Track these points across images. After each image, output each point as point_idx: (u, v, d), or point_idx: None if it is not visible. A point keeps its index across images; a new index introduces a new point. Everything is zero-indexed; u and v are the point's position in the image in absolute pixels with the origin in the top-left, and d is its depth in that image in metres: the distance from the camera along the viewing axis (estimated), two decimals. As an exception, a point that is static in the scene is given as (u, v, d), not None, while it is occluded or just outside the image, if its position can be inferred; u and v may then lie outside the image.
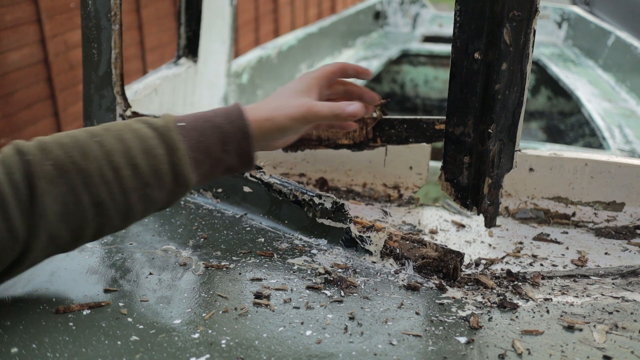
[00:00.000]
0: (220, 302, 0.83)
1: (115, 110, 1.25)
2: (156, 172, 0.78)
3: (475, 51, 0.86)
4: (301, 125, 0.90)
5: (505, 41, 0.85)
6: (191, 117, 0.83)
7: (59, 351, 0.70)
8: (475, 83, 0.88)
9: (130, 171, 0.77)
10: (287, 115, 0.87)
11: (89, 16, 1.20)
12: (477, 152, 0.94)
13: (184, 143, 0.80)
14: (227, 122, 0.83)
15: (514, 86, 0.91)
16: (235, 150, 0.84)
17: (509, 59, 0.87)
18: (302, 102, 0.88)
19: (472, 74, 0.88)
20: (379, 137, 1.19)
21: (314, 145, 1.21)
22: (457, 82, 0.89)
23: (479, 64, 0.87)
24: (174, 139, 0.79)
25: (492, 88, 0.89)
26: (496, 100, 0.89)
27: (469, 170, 0.97)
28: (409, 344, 0.74)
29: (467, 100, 0.90)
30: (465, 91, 0.89)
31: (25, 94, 3.08)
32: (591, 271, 0.96)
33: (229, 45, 2.23)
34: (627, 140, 2.42)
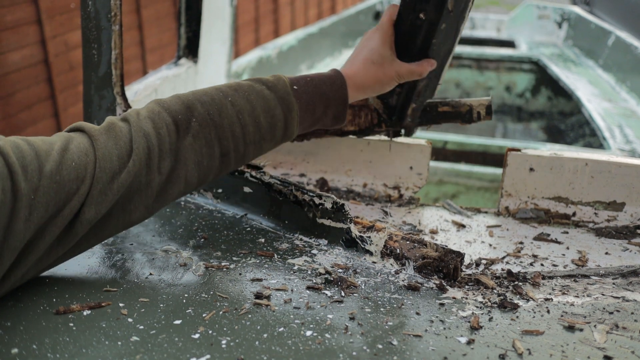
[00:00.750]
0: (221, 302, 0.83)
1: (116, 110, 1.25)
2: (273, 128, 0.95)
3: (421, 11, 1.02)
4: (389, 88, 1.07)
5: (448, 7, 0.99)
6: (302, 82, 0.98)
7: (59, 352, 0.70)
8: (416, 36, 1.05)
9: (253, 127, 0.93)
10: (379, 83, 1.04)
11: (89, 17, 1.20)
12: (408, 85, 1.14)
13: (297, 105, 0.96)
14: (332, 90, 0.99)
15: (448, 40, 1.08)
16: (333, 114, 1.00)
17: (449, 21, 1.02)
18: (391, 70, 1.04)
19: (415, 28, 1.04)
20: (384, 122, 1.20)
21: (319, 133, 1.21)
22: (401, 32, 1.06)
23: (422, 21, 1.03)
24: (290, 101, 0.95)
25: (429, 41, 1.05)
26: (431, 50, 1.06)
27: (398, 95, 1.18)
28: (410, 344, 0.74)
29: (407, 46, 1.07)
30: (406, 40, 1.06)
31: (26, 94, 3.08)
32: (591, 271, 0.96)
33: (229, 46, 2.23)
34: (628, 140, 2.42)
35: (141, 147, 0.84)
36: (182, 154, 0.87)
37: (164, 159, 0.86)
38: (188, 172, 0.88)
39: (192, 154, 0.88)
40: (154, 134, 0.85)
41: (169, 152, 0.86)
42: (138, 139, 0.84)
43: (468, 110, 1.15)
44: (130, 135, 0.84)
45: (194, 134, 0.88)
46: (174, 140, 0.87)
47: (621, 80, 3.24)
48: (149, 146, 0.84)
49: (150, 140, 0.85)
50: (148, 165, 0.84)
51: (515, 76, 3.94)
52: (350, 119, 1.19)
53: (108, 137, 0.83)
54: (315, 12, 7.53)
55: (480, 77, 4.00)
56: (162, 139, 0.86)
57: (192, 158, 0.88)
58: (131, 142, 0.84)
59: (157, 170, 0.85)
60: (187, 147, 0.87)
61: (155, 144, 0.85)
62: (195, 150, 0.88)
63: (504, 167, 1.18)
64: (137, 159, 0.83)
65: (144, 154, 0.84)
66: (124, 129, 0.85)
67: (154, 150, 0.85)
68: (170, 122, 0.87)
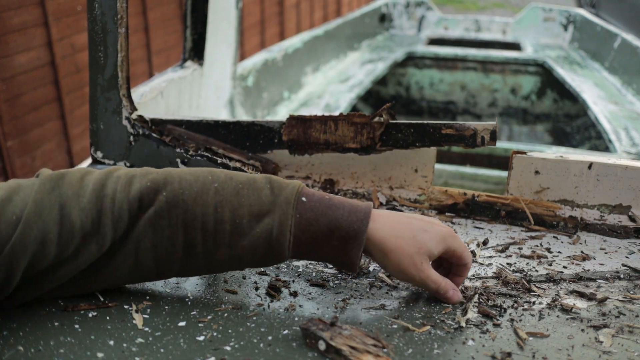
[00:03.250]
0: (226, 304, 0.83)
1: (122, 112, 1.25)
2: (255, 238, 0.78)
3: None
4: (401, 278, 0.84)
5: None
6: (317, 196, 0.80)
7: (64, 353, 0.70)
8: None
9: (231, 227, 0.78)
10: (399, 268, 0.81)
11: (96, 19, 1.21)
12: None
13: (293, 219, 0.78)
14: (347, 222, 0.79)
15: None
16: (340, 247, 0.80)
17: None
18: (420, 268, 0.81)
19: None
20: (386, 141, 1.19)
21: (321, 148, 1.21)
22: None
23: None
24: (287, 212, 0.78)
25: None
26: None
27: None
28: (414, 347, 0.74)
29: None
30: None
31: (32, 96, 3.09)
32: (598, 274, 0.95)
33: (234, 48, 2.24)
34: (634, 142, 2.41)
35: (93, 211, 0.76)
36: (139, 226, 0.78)
37: (115, 224, 0.77)
38: (140, 250, 0.78)
39: (150, 230, 0.78)
40: (124, 198, 0.77)
41: (125, 219, 0.77)
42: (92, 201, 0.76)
43: (472, 135, 1.14)
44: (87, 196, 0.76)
45: (157, 209, 0.77)
46: (135, 212, 0.77)
47: (627, 82, 3.23)
48: (102, 209, 0.76)
49: (106, 202, 0.77)
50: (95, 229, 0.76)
51: (520, 78, 3.93)
52: (352, 135, 1.19)
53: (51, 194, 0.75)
54: (321, 15, 7.53)
55: (486, 80, 4.00)
56: (130, 203, 0.77)
57: (150, 235, 0.78)
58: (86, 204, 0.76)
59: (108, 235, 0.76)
60: (146, 220, 0.77)
61: (109, 209, 0.76)
62: (154, 229, 0.78)
63: (509, 169, 1.17)
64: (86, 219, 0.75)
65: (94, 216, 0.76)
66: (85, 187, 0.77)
67: (106, 215, 0.76)
68: (136, 191, 0.78)
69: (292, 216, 0.78)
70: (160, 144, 1.24)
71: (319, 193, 0.82)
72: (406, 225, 0.82)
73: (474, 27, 4.73)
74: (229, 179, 0.80)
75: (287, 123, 1.21)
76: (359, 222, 0.79)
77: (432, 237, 0.81)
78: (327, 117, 1.19)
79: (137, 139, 1.26)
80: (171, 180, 0.79)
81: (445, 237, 0.82)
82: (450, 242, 0.82)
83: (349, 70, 3.70)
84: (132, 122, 1.25)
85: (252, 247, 0.79)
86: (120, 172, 0.80)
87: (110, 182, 0.78)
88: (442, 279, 0.83)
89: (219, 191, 0.79)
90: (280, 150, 1.24)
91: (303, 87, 3.36)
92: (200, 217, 0.77)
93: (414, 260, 0.80)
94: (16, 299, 0.77)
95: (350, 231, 0.78)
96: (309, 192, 0.81)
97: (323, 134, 1.19)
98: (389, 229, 0.81)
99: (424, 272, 0.81)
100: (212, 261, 0.80)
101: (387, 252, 0.80)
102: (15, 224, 0.71)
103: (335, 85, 3.38)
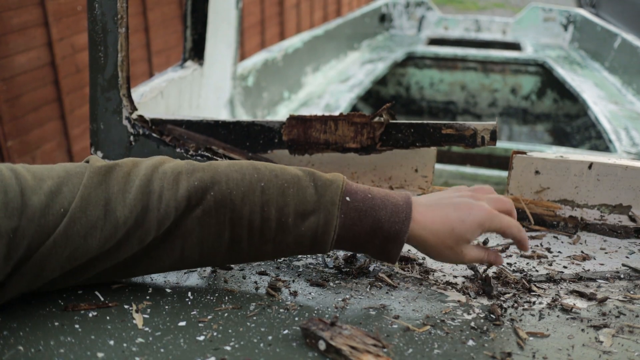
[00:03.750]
0: (226, 304, 0.83)
1: (122, 113, 1.25)
2: (300, 235, 0.81)
3: None
4: (443, 261, 0.88)
5: None
6: (360, 195, 0.83)
7: (64, 353, 0.70)
8: None
9: (276, 225, 0.80)
10: (439, 250, 0.85)
11: (96, 19, 1.21)
12: None
13: (338, 220, 0.81)
14: (389, 223, 0.82)
15: None
16: (381, 246, 0.83)
17: None
18: (461, 255, 0.86)
19: None
20: (386, 141, 1.19)
21: (321, 148, 1.21)
22: None
23: None
24: (332, 214, 0.80)
25: None
26: None
27: None
28: (414, 347, 0.74)
29: None
30: None
31: (32, 96, 3.09)
32: (598, 274, 0.95)
33: (234, 48, 2.24)
34: (634, 142, 2.41)
35: (139, 205, 0.77)
36: (185, 224, 0.79)
37: (162, 223, 0.78)
38: (186, 244, 0.81)
39: (197, 227, 0.80)
40: (172, 196, 0.78)
41: (173, 216, 0.78)
42: (139, 195, 0.78)
43: (472, 135, 1.14)
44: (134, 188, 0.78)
45: (205, 208, 0.79)
46: (182, 210, 0.79)
47: (627, 82, 3.23)
48: (148, 206, 0.78)
49: (152, 199, 0.78)
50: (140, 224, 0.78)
51: (521, 78, 3.93)
52: (352, 135, 1.19)
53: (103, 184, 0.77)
54: (321, 15, 7.53)
55: (486, 80, 3.99)
56: (177, 203, 0.79)
57: (197, 232, 0.80)
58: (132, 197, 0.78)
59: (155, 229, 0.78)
60: (194, 219, 0.79)
61: (155, 207, 0.78)
62: (201, 225, 0.80)
63: (509, 169, 1.17)
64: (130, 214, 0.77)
65: (140, 212, 0.77)
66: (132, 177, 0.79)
67: (152, 211, 0.78)
68: (184, 189, 0.79)
69: (337, 217, 0.81)
70: (161, 143, 1.24)
71: (362, 190, 0.84)
72: (444, 219, 0.84)
73: (474, 27, 4.73)
74: (274, 177, 0.82)
75: (287, 123, 1.21)
76: (400, 222, 0.82)
77: (469, 227, 0.84)
78: (327, 117, 1.19)
79: (138, 139, 1.26)
80: (218, 180, 0.80)
81: (483, 223, 0.84)
82: (488, 225, 0.85)
83: (349, 70, 3.69)
84: (133, 122, 1.25)
85: (297, 243, 0.82)
86: (166, 166, 0.81)
87: (157, 178, 0.79)
88: (483, 252, 0.88)
89: (265, 190, 0.81)
90: (280, 150, 1.24)
91: (303, 87, 3.36)
92: (247, 215, 0.80)
93: (454, 251, 0.85)
94: (54, 286, 0.80)
95: (392, 232, 0.82)
96: (352, 189, 0.83)
97: (323, 134, 1.19)
98: (428, 226, 0.84)
99: (465, 257, 0.86)
100: (257, 254, 0.84)
101: (427, 248, 0.85)
102: (62, 217, 0.74)
103: (335, 85, 3.38)
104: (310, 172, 0.84)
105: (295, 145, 1.22)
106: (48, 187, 0.74)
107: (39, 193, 0.73)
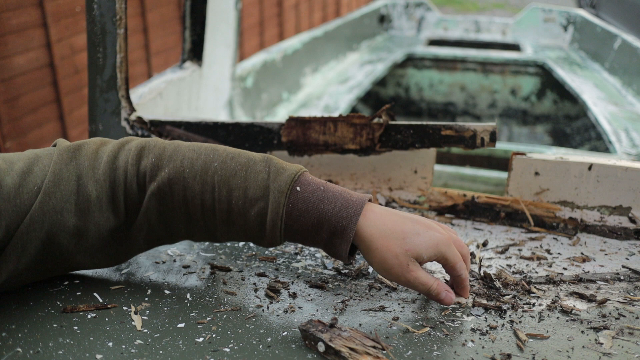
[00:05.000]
0: (225, 306, 0.83)
1: (120, 113, 1.25)
2: (250, 220, 0.80)
3: None
4: (388, 277, 0.83)
5: None
6: (312, 187, 0.81)
7: (63, 355, 0.70)
8: None
9: (227, 207, 0.80)
10: (384, 266, 0.80)
11: (94, 20, 1.20)
12: None
13: (286, 209, 0.79)
14: (336, 217, 0.79)
15: None
16: (329, 241, 0.81)
17: None
18: (406, 269, 0.79)
19: None
20: (386, 142, 1.19)
21: (320, 149, 1.21)
22: None
23: None
24: (280, 202, 0.79)
25: None
26: None
27: None
28: (414, 348, 0.74)
29: None
30: None
31: (31, 97, 3.09)
32: (598, 275, 0.95)
33: (233, 49, 2.23)
34: (634, 144, 2.41)
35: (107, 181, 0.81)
36: (147, 199, 0.81)
37: (127, 196, 0.81)
38: (151, 221, 0.83)
39: (155, 203, 0.81)
40: (132, 170, 0.81)
41: (135, 192, 0.82)
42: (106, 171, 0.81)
43: (472, 136, 1.14)
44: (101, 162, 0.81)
45: (159, 184, 0.81)
46: (142, 185, 0.82)
47: (627, 83, 3.23)
48: (115, 180, 0.81)
49: (118, 174, 0.81)
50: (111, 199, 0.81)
51: (520, 79, 3.93)
52: (351, 136, 1.19)
53: (70, 159, 0.80)
54: (320, 16, 7.54)
55: (485, 81, 3.99)
56: (138, 175, 0.82)
57: (156, 207, 0.82)
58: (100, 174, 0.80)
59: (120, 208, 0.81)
60: (152, 194, 0.81)
61: (122, 181, 0.81)
62: (160, 202, 0.81)
63: (509, 170, 1.17)
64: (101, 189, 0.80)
65: (108, 187, 0.81)
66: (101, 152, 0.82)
67: (119, 186, 0.81)
68: (144, 165, 0.82)
69: (283, 205, 0.79)
70: (159, 145, 1.24)
71: (316, 182, 0.82)
72: (398, 225, 0.80)
73: (473, 28, 4.73)
74: (229, 159, 0.82)
75: (286, 124, 1.20)
76: (348, 218, 0.79)
77: (424, 241, 0.80)
78: (326, 118, 1.19)
79: (136, 140, 1.25)
80: (174, 158, 0.82)
81: (439, 244, 0.80)
82: (443, 249, 0.80)
83: (348, 71, 3.69)
84: (131, 123, 1.25)
85: (248, 228, 0.81)
86: (132, 144, 0.84)
87: (122, 154, 0.82)
88: (433, 280, 0.81)
89: (218, 171, 0.81)
90: (279, 152, 1.24)
91: (302, 88, 3.36)
92: (199, 194, 0.80)
93: (399, 261, 0.79)
94: (47, 271, 0.82)
95: (338, 227, 0.79)
96: (306, 180, 0.81)
97: (322, 135, 1.19)
98: (378, 226, 0.80)
99: (410, 274, 0.80)
100: (214, 234, 0.84)
101: (372, 250, 0.80)
102: (36, 194, 0.76)
103: (334, 87, 3.37)
104: (267, 158, 0.83)
105: (294, 147, 1.22)
106: (19, 168, 0.76)
107: (11, 174, 0.75)
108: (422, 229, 0.81)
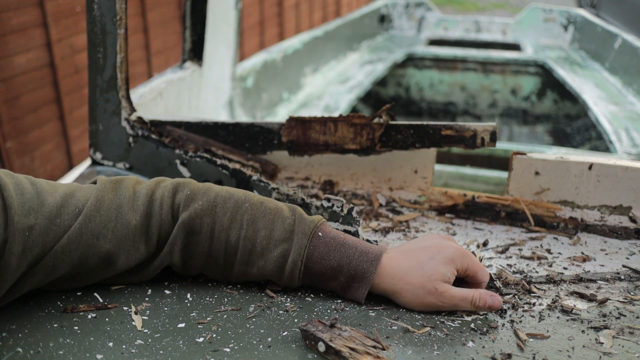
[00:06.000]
0: (225, 306, 0.83)
1: (121, 113, 1.25)
2: (271, 260, 0.83)
3: None
4: (428, 309, 0.83)
5: None
6: (333, 234, 0.85)
7: (63, 355, 0.70)
8: None
9: (251, 246, 0.84)
10: (417, 301, 0.82)
11: (95, 20, 1.20)
12: None
13: (308, 251, 0.83)
14: (357, 261, 0.82)
15: None
16: (347, 284, 0.84)
17: None
18: (438, 293, 0.81)
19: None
20: (386, 142, 1.19)
21: (320, 149, 1.21)
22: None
23: None
24: (302, 244, 0.83)
25: None
26: None
27: None
28: (414, 348, 0.74)
29: None
30: None
31: (31, 97, 3.09)
32: (598, 275, 0.95)
33: (234, 49, 2.23)
34: (634, 143, 2.41)
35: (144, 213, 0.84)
36: (175, 230, 0.84)
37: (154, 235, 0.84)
38: (174, 255, 0.85)
39: (181, 233, 0.84)
40: (159, 202, 0.84)
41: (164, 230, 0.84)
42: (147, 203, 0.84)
43: (472, 136, 1.14)
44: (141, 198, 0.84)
45: (190, 214, 0.84)
46: (176, 216, 0.85)
47: (628, 83, 3.23)
48: (152, 212, 0.84)
49: (154, 205, 0.84)
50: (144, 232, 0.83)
51: (521, 79, 3.93)
52: (351, 136, 1.19)
53: (115, 193, 0.83)
54: (320, 16, 7.53)
55: (486, 80, 3.99)
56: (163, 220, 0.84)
57: (182, 238, 0.84)
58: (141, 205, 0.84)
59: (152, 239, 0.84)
60: (180, 224, 0.84)
61: (157, 212, 0.84)
62: (187, 232, 0.84)
63: (509, 170, 1.17)
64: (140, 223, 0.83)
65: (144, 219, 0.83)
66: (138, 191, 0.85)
67: (155, 216, 0.84)
68: (179, 198, 0.85)
69: (306, 247, 0.83)
70: (160, 145, 1.24)
71: (336, 232, 0.86)
72: (413, 259, 0.83)
73: (473, 27, 4.72)
74: (259, 203, 0.86)
75: (286, 124, 1.20)
76: (367, 262, 0.82)
77: (440, 262, 0.82)
78: (326, 118, 1.18)
79: (137, 140, 1.25)
80: (209, 193, 0.86)
81: (454, 258, 0.83)
82: (460, 261, 0.83)
83: (349, 71, 3.69)
84: (132, 123, 1.25)
85: (266, 269, 0.84)
86: (168, 181, 0.88)
87: (159, 189, 0.86)
88: (472, 291, 0.82)
89: (248, 211, 0.85)
90: (279, 152, 1.24)
91: (302, 88, 3.36)
92: (226, 230, 0.84)
93: (427, 289, 0.81)
94: (62, 286, 0.82)
95: (359, 271, 0.82)
96: (327, 229, 0.86)
97: (322, 135, 1.19)
98: (397, 268, 0.82)
99: (444, 295, 0.81)
100: (229, 274, 0.87)
101: (399, 291, 0.82)
102: (76, 216, 0.78)
103: (334, 86, 3.37)
104: (293, 207, 0.87)
105: (294, 147, 1.22)
106: (63, 191, 0.79)
107: (54, 195, 0.78)
108: (434, 252, 0.83)
